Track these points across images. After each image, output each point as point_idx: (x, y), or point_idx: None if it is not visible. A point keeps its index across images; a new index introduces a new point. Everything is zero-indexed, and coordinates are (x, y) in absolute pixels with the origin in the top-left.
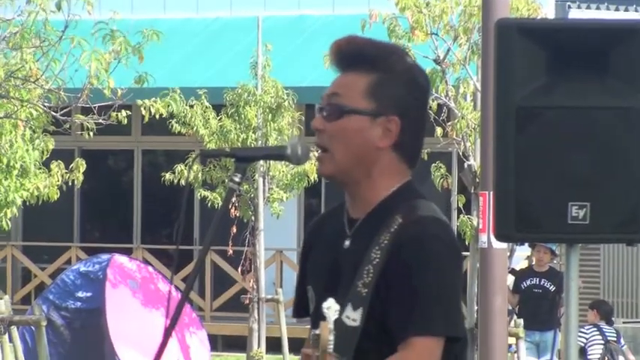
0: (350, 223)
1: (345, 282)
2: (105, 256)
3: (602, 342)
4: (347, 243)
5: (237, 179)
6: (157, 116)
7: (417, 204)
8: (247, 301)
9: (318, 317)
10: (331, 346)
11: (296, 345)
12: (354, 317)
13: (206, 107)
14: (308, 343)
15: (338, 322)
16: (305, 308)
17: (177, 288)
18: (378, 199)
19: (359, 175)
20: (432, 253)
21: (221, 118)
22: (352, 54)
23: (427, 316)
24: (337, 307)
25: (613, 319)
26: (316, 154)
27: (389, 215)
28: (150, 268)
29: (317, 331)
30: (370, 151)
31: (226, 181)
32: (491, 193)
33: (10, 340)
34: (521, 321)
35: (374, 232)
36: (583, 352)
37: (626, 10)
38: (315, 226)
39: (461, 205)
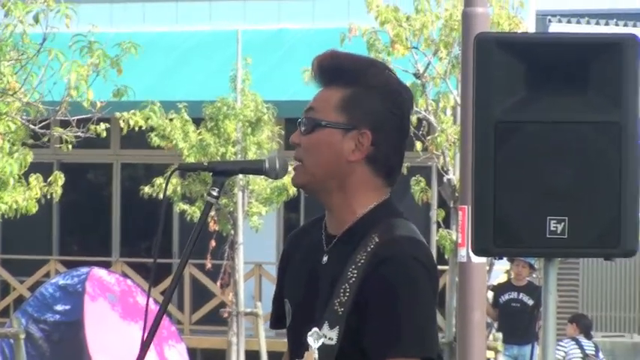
0: (327, 239)
1: (322, 298)
2: (84, 270)
3: (581, 356)
4: (324, 259)
5: (214, 193)
6: (136, 129)
7: (394, 223)
8: (226, 315)
9: (295, 333)
10: None
11: (275, 358)
12: (330, 336)
13: (185, 121)
14: (286, 357)
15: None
16: (281, 320)
17: (155, 301)
18: (355, 217)
19: (331, 186)
20: (409, 274)
21: (200, 132)
22: (331, 69)
23: (403, 338)
24: (321, 336)
25: (592, 332)
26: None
27: (366, 234)
28: (129, 282)
29: None
30: (341, 163)
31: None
32: (470, 207)
33: None
34: (500, 335)
35: (350, 250)
36: None
37: (607, 24)
38: (293, 238)
39: (440, 219)
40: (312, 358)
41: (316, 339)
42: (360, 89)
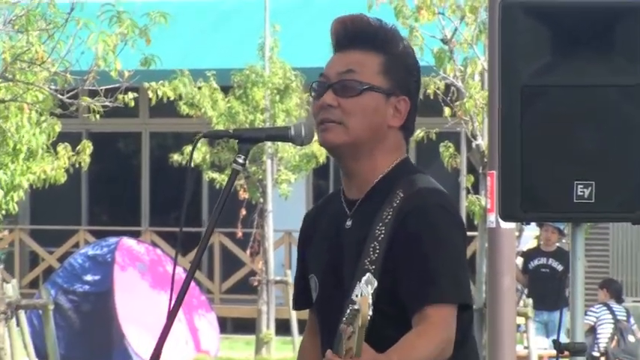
0: (349, 205)
1: (350, 261)
2: (113, 239)
3: (612, 321)
4: (348, 223)
5: (240, 160)
6: (165, 100)
7: (416, 178)
8: (256, 283)
9: (325, 303)
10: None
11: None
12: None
13: (214, 89)
14: (309, 330)
15: (347, 302)
16: (306, 299)
17: (185, 270)
18: (377, 177)
19: (364, 150)
20: (437, 222)
21: (229, 100)
22: (361, 33)
23: (439, 285)
24: (375, 282)
25: (623, 297)
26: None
27: (390, 191)
28: (158, 251)
29: (356, 307)
30: (383, 128)
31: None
32: (498, 172)
33: (18, 324)
34: (530, 301)
35: (376, 209)
36: (593, 330)
37: None
38: (310, 215)
39: (469, 185)
40: (367, 303)
41: (369, 283)
42: (391, 56)
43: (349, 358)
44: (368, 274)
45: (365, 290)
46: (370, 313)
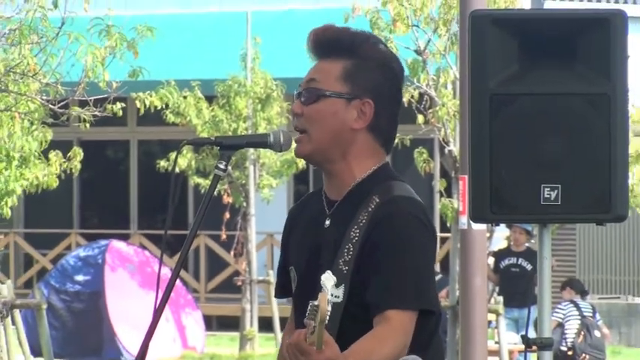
0: (329, 204)
1: (327, 260)
2: (103, 242)
3: (579, 317)
4: (327, 222)
5: (222, 166)
6: (152, 109)
7: (393, 185)
8: (240, 283)
9: (302, 295)
10: (328, 317)
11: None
12: (336, 294)
13: (199, 98)
14: (290, 322)
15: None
16: (286, 288)
17: (171, 269)
18: (355, 181)
19: (335, 155)
20: (407, 231)
21: (213, 109)
22: (328, 42)
23: (401, 291)
24: (334, 279)
25: (587, 290)
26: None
27: (366, 196)
28: (146, 253)
29: (315, 302)
30: (345, 132)
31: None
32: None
33: (13, 322)
34: (500, 298)
35: (353, 212)
36: (561, 326)
37: (598, 1)
38: (294, 211)
39: (442, 189)
40: (326, 299)
41: (328, 280)
42: (359, 60)
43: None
44: (328, 272)
45: (325, 287)
46: (329, 308)
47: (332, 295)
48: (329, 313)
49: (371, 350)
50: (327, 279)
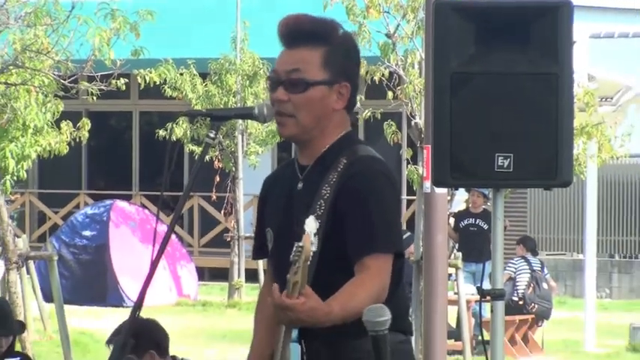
0: (301, 169)
1: (299, 217)
2: (108, 202)
3: (529, 271)
4: (300, 185)
5: (212, 135)
6: (152, 84)
7: (358, 147)
8: (229, 239)
9: (279, 254)
10: (311, 256)
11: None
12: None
13: (194, 75)
14: (268, 279)
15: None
16: (262, 250)
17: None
18: (325, 147)
19: (316, 131)
20: (375, 184)
21: (206, 84)
22: (300, 31)
23: (376, 238)
24: (316, 223)
25: (538, 251)
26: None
27: (335, 158)
28: (146, 211)
29: (300, 243)
30: (328, 112)
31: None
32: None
33: (28, 272)
34: (459, 254)
35: (323, 173)
36: (513, 279)
37: None
38: (269, 179)
39: (409, 157)
40: (310, 240)
41: (311, 224)
42: (332, 47)
43: (295, 296)
44: (311, 216)
45: (308, 228)
46: (313, 248)
47: (311, 243)
48: (312, 253)
49: (351, 295)
50: (309, 223)
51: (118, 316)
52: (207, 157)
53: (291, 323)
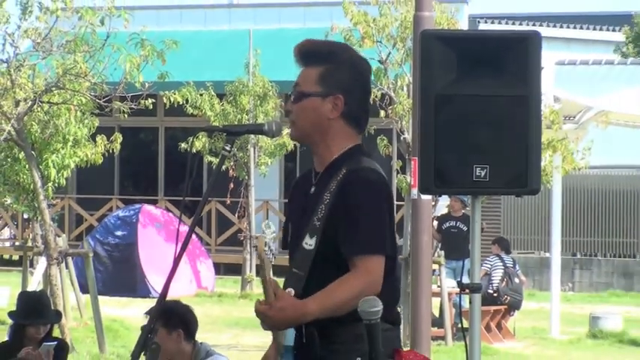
0: (315, 176)
1: (309, 218)
2: (137, 205)
3: (503, 267)
4: (312, 190)
5: (227, 148)
6: (175, 104)
7: (361, 159)
8: (242, 238)
9: (292, 245)
10: (269, 255)
11: (279, 271)
12: (310, 243)
13: (212, 96)
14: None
15: (300, 247)
16: (287, 240)
17: (188, 227)
18: (333, 157)
19: (316, 138)
20: (367, 192)
21: (223, 104)
22: (308, 52)
23: (363, 240)
24: (274, 228)
25: (511, 250)
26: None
27: (339, 168)
28: (170, 214)
29: (255, 243)
30: (323, 120)
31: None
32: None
33: (67, 267)
34: (442, 252)
35: (328, 181)
36: (488, 275)
37: (520, 24)
38: (297, 180)
39: (399, 168)
40: (264, 241)
41: (267, 228)
42: (332, 65)
43: (265, 302)
44: (267, 221)
45: (266, 231)
46: (266, 249)
47: (307, 244)
48: (267, 252)
49: (329, 293)
50: (267, 226)
51: (145, 305)
52: (223, 167)
53: (274, 327)
